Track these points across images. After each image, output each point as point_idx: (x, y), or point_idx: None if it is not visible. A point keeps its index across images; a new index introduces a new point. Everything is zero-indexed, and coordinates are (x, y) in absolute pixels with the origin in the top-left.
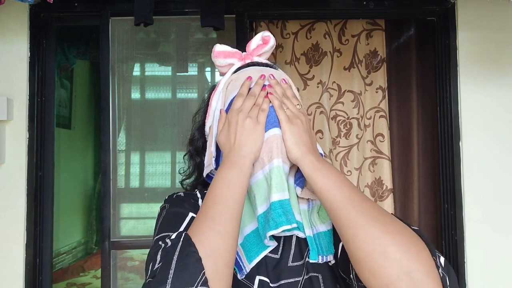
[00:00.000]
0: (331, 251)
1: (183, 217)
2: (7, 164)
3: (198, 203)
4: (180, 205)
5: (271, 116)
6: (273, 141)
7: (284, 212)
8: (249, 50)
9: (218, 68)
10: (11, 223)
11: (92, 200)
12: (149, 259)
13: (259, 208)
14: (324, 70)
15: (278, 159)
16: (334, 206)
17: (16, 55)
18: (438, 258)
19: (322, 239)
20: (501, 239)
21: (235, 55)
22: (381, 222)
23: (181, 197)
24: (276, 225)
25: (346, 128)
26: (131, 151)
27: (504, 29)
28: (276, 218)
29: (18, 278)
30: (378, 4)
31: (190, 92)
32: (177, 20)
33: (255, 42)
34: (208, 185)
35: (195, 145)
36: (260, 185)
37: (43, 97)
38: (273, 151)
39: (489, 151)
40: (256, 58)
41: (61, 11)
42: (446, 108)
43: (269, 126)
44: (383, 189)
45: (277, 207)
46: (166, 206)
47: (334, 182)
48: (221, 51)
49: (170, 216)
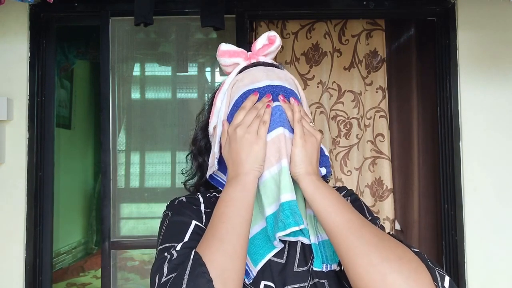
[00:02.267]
0: (335, 260)
1: (187, 226)
2: (7, 164)
3: (200, 208)
4: (183, 213)
5: (276, 115)
6: (280, 141)
7: (292, 214)
8: (254, 50)
9: (222, 68)
10: (11, 223)
11: (92, 200)
12: (155, 270)
13: (267, 209)
14: (324, 70)
15: (285, 159)
16: (334, 230)
17: (16, 55)
18: (441, 281)
19: (327, 247)
20: (501, 239)
21: (240, 55)
22: (380, 249)
23: (184, 203)
24: (284, 227)
25: (346, 128)
26: (131, 151)
27: (504, 29)
28: (285, 220)
29: (18, 278)
30: (378, 4)
31: (190, 92)
32: (177, 20)
33: (261, 42)
34: (211, 186)
35: (197, 145)
36: (268, 185)
37: (43, 97)
38: (281, 151)
39: (489, 151)
40: (261, 58)
41: (61, 11)
42: (446, 108)
43: (275, 126)
44: (383, 189)
45: (285, 208)
46: (169, 214)
47: (334, 204)
48: (226, 50)
49: (173, 225)
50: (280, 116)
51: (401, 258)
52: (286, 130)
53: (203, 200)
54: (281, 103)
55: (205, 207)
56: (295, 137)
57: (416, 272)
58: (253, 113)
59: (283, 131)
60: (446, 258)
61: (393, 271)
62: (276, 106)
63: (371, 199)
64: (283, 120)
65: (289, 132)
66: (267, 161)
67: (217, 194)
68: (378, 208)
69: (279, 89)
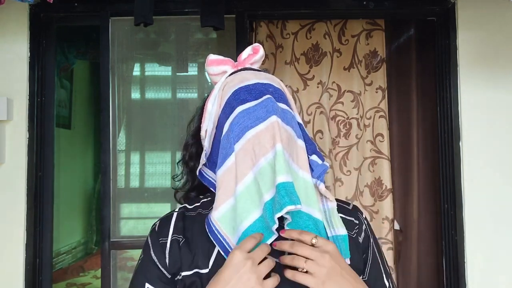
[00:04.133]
0: (347, 255)
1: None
2: (7, 164)
3: (166, 242)
4: (142, 272)
5: (269, 106)
6: (274, 127)
7: (287, 194)
8: (240, 60)
9: (211, 78)
10: (11, 223)
11: (92, 200)
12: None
13: (265, 195)
14: (324, 70)
15: (280, 143)
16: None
17: (16, 55)
18: None
19: (340, 242)
20: (501, 239)
21: (228, 63)
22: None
23: (152, 243)
24: (281, 207)
25: (345, 128)
26: (131, 151)
27: (504, 29)
28: (280, 200)
29: (18, 278)
30: (378, 4)
31: (190, 92)
32: (177, 20)
33: (246, 52)
34: (202, 192)
35: (189, 150)
36: (264, 172)
37: (43, 97)
38: (275, 137)
39: (489, 151)
40: (248, 66)
41: (61, 11)
42: (446, 108)
43: (268, 115)
44: (383, 189)
45: (281, 189)
46: (139, 259)
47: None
48: (214, 59)
49: (140, 271)
50: (272, 106)
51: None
52: (279, 119)
53: (174, 222)
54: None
55: (173, 233)
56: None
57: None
58: (265, 250)
59: (276, 119)
60: (446, 258)
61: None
62: (268, 98)
63: (370, 199)
64: (275, 109)
65: (282, 121)
66: (263, 148)
67: (204, 201)
68: (378, 208)
69: (268, 86)
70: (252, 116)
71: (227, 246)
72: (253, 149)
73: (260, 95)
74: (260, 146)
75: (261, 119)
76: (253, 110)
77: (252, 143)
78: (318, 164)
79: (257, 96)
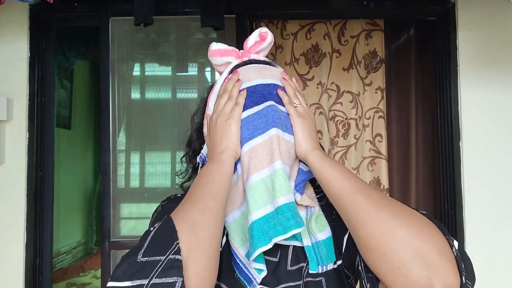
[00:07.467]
0: (331, 259)
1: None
2: (7, 164)
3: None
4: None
5: (270, 116)
6: (273, 142)
7: (293, 216)
8: (246, 48)
9: (215, 67)
10: (11, 223)
11: (92, 200)
12: None
13: (254, 214)
14: (323, 71)
15: (279, 161)
16: (342, 194)
17: (16, 55)
18: (451, 240)
19: (321, 249)
20: (501, 239)
21: (231, 53)
22: (390, 207)
23: (179, 198)
24: (285, 230)
25: (344, 128)
26: (131, 151)
27: (504, 29)
28: (285, 223)
29: (18, 278)
30: (378, 4)
31: (190, 92)
32: (177, 20)
33: (253, 39)
34: None
35: (192, 147)
36: (256, 188)
37: (43, 97)
38: (274, 153)
39: (489, 151)
40: (253, 55)
41: (61, 11)
42: (446, 108)
43: (267, 127)
44: (381, 189)
45: (285, 211)
46: (158, 209)
47: (342, 173)
48: (217, 49)
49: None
50: (273, 116)
51: (412, 215)
52: (280, 130)
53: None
54: (280, 83)
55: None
56: (292, 118)
57: (428, 228)
58: (224, 97)
59: (276, 131)
60: None
61: (404, 224)
62: (270, 106)
63: None
64: (276, 120)
65: (283, 132)
66: (258, 163)
67: None
68: None
69: (272, 88)
70: (251, 126)
71: (237, 260)
72: (248, 163)
73: (261, 100)
74: (256, 161)
75: (260, 130)
76: (252, 119)
77: (248, 156)
78: (303, 171)
79: (258, 101)
